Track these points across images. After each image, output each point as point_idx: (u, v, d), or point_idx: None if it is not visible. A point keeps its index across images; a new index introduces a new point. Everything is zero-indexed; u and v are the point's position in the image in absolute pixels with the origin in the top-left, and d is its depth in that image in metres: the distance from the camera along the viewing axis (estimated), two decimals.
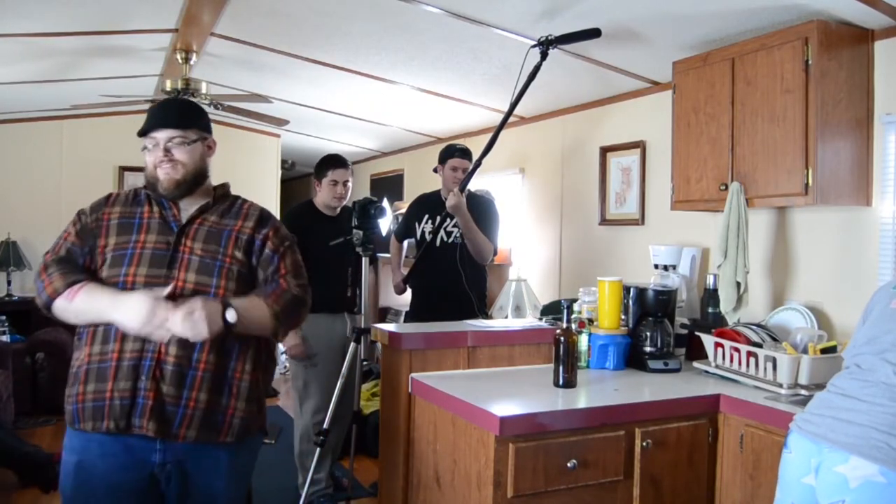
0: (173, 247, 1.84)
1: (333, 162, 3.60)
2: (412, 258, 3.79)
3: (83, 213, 1.91)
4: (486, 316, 3.69)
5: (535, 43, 2.73)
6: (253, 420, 1.89)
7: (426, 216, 3.67)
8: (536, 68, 2.74)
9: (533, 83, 2.78)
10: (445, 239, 3.52)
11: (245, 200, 2.03)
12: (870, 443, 1.53)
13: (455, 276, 3.45)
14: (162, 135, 1.89)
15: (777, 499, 1.80)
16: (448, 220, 3.38)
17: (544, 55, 2.70)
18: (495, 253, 3.62)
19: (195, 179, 1.92)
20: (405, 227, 3.81)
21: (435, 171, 3.70)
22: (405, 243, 3.99)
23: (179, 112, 1.95)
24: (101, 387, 1.75)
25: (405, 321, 3.83)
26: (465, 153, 3.59)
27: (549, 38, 2.68)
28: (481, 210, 3.54)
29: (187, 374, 1.78)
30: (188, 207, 1.93)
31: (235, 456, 1.89)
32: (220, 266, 1.85)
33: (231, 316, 1.76)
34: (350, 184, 3.63)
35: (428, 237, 3.56)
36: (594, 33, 2.62)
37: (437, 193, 3.72)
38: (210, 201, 1.96)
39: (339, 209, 3.63)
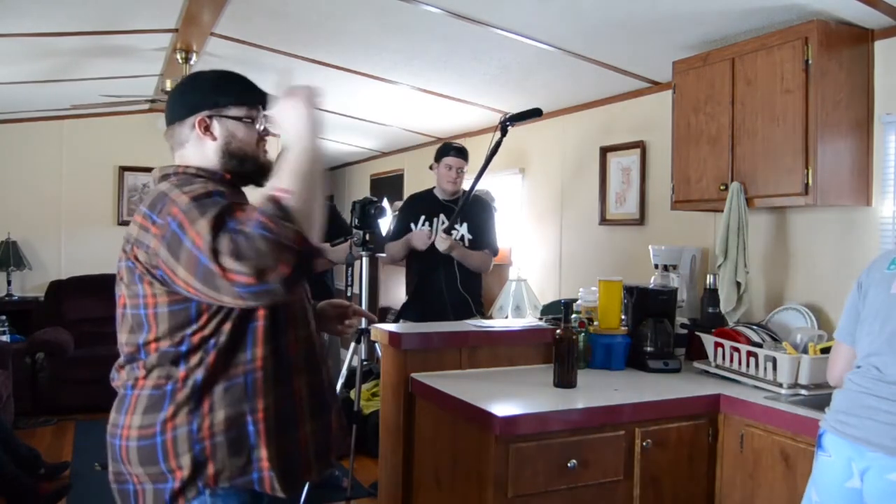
0: None
1: None
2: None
3: None
4: (484, 316, 3.69)
5: (498, 122, 3.07)
6: None
7: (422, 217, 3.63)
8: (498, 143, 3.06)
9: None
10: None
11: None
12: None
13: (451, 278, 3.45)
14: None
15: (814, 501, 1.74)
16: (445, 221, 3.37)
17: (504, 131, 3.06)
18: (495, 254, 3.62)
19: None
20: (403, 227, 3.70)
21: (431, 168, 3.69)
22: None
23: None
24: (294, 436, 1.42)
25: (396, 319, 3.81)
26: (460, 152, 3.57)
27: (507, 115, 3.08)
28: (482, 216, 3.58)
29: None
30: None
31: None
32: None
33: None
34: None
35: None
36: (536, 113, 3.06)
37: (430, 192, 3.70)
38: None
39: None
